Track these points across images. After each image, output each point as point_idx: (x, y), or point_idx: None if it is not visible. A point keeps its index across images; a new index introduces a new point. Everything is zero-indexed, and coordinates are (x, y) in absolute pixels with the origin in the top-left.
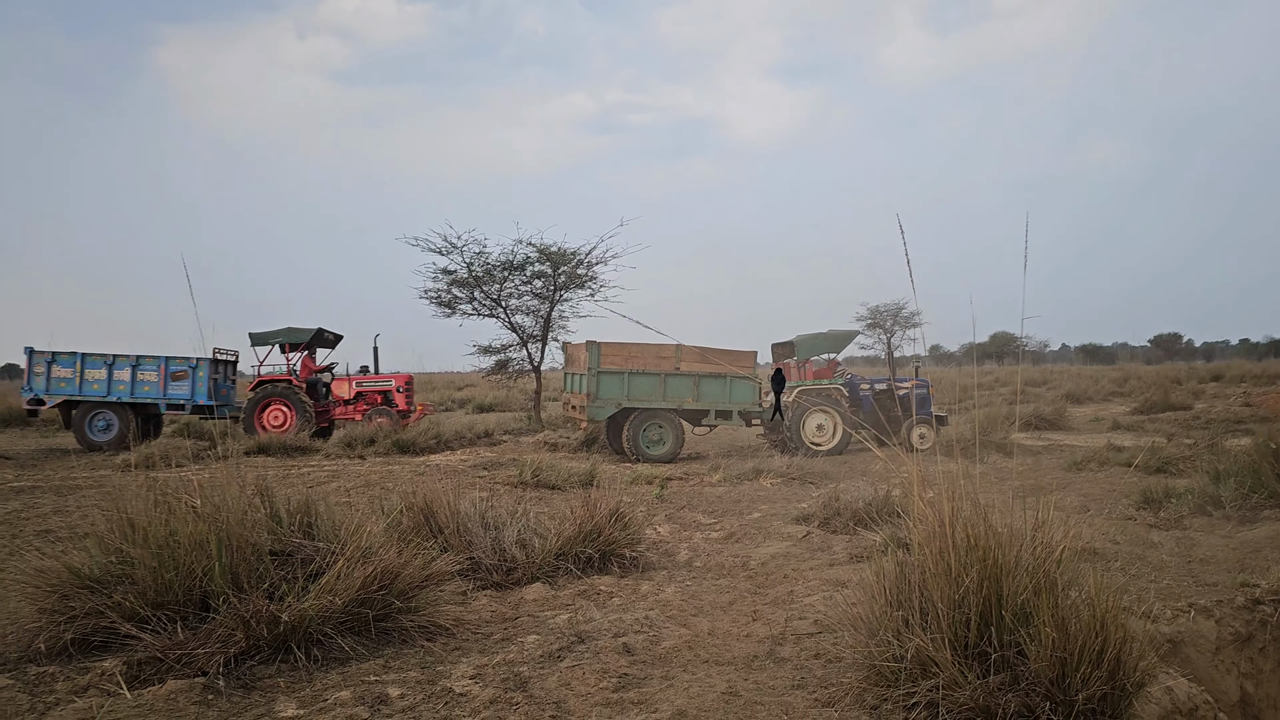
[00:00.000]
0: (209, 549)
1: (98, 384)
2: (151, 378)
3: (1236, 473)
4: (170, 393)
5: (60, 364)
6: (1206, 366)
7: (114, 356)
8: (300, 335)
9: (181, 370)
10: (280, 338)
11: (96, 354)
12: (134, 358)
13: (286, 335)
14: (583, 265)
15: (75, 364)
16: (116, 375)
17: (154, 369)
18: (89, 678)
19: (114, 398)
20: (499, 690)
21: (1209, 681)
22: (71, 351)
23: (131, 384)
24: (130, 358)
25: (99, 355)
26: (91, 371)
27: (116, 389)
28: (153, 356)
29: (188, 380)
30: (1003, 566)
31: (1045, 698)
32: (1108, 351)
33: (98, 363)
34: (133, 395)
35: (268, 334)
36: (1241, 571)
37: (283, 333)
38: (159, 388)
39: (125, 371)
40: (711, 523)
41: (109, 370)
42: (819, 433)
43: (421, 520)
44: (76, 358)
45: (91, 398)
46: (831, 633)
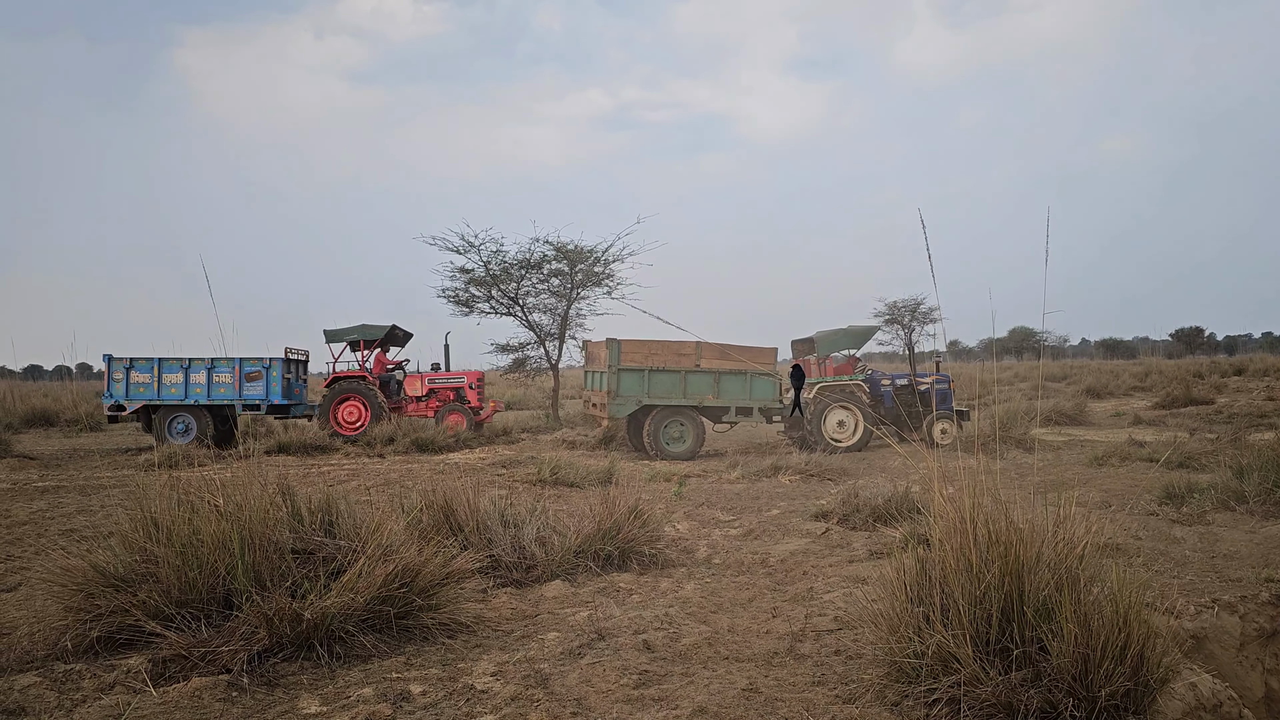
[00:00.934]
0: (232, 547)
1: (175, 387)
2: (227, 379)
3: (1260, 467)
4: (246, 393)
5: (138, 369)
6: (1229, 360)
7: (190, 360)
8: (374, 332)
9: (256, 371)
10: (355, 335)
11: (173, 358)
12: (209, 360)
13: (361, 332)
14: (600, 263)
15: (152, 369)
16: (193, 378)
17: (229, 370)
18: (115, 675)
19: (191, 400)
20: (520, 687)
21: (1233, 677)
22: (148, 357)
23: (208, 386)
24: (205, 360)
25: (175, 359)
26: (168, 375)
27: (193, 392)
28: (227, 358)
29: (262, 380)
30: (1024, 562)
31: (1068, 694)
32: (1128, 346)
33: (174, 367)
34: (209, 397)
35: (342, 331)
36: (1266, 566)
37: (357, 330)
38: (234, 389)
39: (201, 374)
40: (730, 520)
41: (185, 374)
42: (840, 429)
43: (441, 518)
44: (153, 362)
45: (170, 401)
46: (852, 629)
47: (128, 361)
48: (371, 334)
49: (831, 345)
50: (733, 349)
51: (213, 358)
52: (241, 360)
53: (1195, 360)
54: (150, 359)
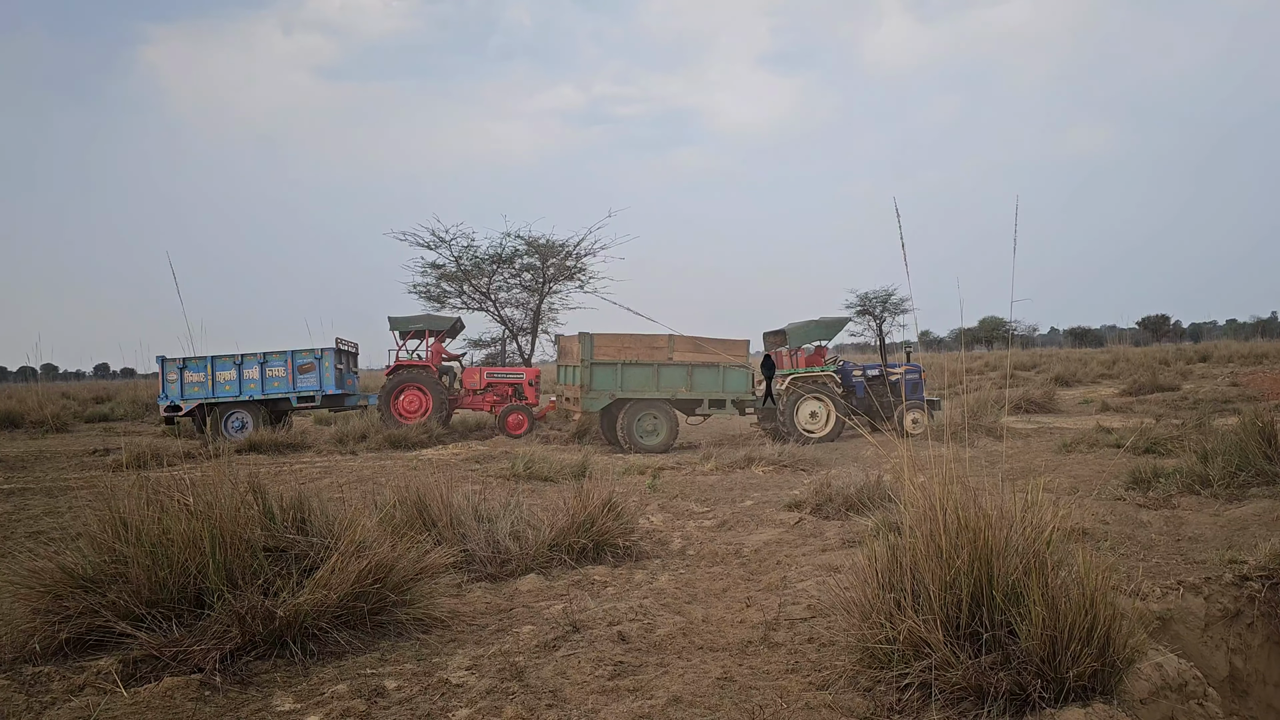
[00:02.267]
0: (202, 546)
1: (229, 384)
2: (280, 373)
3: (1224, 452)
4: (299, 385)
5: (191, 369)
6: (1194, 347)
7: (242, 356)
8: (440, 323)
9: (308, 362)
10: (420, 324)
11: (225, 356)
12: (261, 355)
13: (426, 322)
14: (571, 257)
15: (206, 367)
16: (246, 374)
17: (281, 363)
18: (85, 677)
19: (246, 396)
20: (495, 680)
21: (1198, 657)
22: (200, 356)
23: (261, 381)
24: (257, 355)
25: (227, 356)
26: (222, 373)
27: (248, 388)
28: (279, 351)
29: (315, 372)
30: (993, 547)
31: (1036, 675)
32: (1096, 334)
33: (227, 364)
34: (264, 392)
35: (407, 319)
36: (1229, 549)
37: (422, 319)
38: (288, 381)
39: (254, 370)
40: (704, 511)
41: (238, 370)
42: (812, 420)
43: (415, 514)
44: (206, 361)
45: (225, 399)
46: (825, 617)
47: (181, 362)
48: (437, 324)
49: (803, 337)
50: (705, 341)
51: (265, 352)
52: (293, 352)
53: (1161, 348)
54: (203, 358)
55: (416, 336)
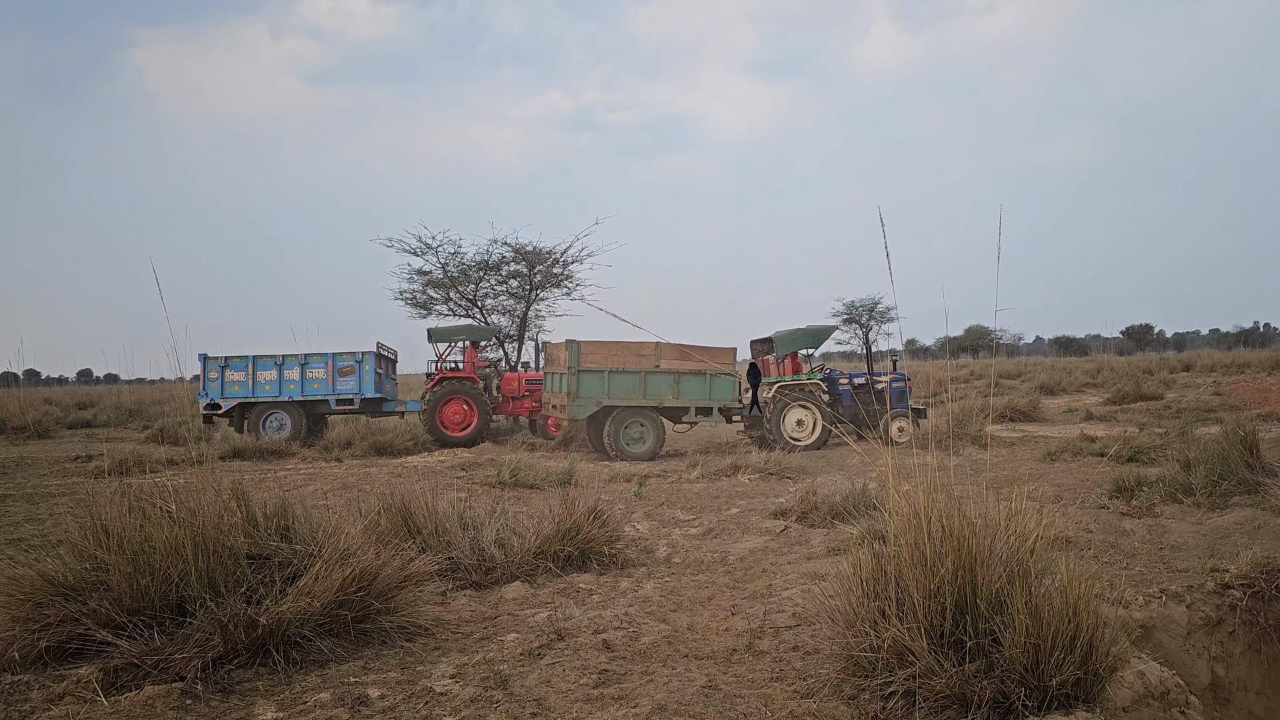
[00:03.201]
0: (185, 554)
1: (269, 384)
2: (320, 374)
3: (1206, 460)
4: (338, 388)
5: (233, 368)
6: (1177, 356)
7: (283, 356)
8: (483, 334)
9: (348, 365)
10: (463, 335)
11: (266, 355)
12: (302, 356)
13: (469, 333)
14: (559, 264)
15: (247, 367)
16: (287, 375)
17: (321, 365)
18: (65, 685)
19: (286, 397)
20: (479, 689)
21: (1180, 665)
22: (242, 355)
23: (302, 382)
24: (299, 356)
25: (269, 357)
26: (263, 373)
27: (287, 388)
28: (320, 354)
29: (355, 375)
30: (977, 556)
31: (1020, 684)
32: (1081, 343)
33: (268, 364)
34: (303, 393)
35: (449, 330)
36: (1211, 557)
37: (464, 330)
38: (328, 384)
39: (295, 371)
40: (690, 519)
41: (279, 370)
42: (799, 428)
43: (399, 521)
44: (248, 360)
45: (265, 398)
46: (809, 625)
47: (223, 360)
48: (480, 335)
49: (790, 345)
50: (692, 349)
51: (305, 353)
52: (334, 355)
53: (1145, 357)
54: (244, 357)
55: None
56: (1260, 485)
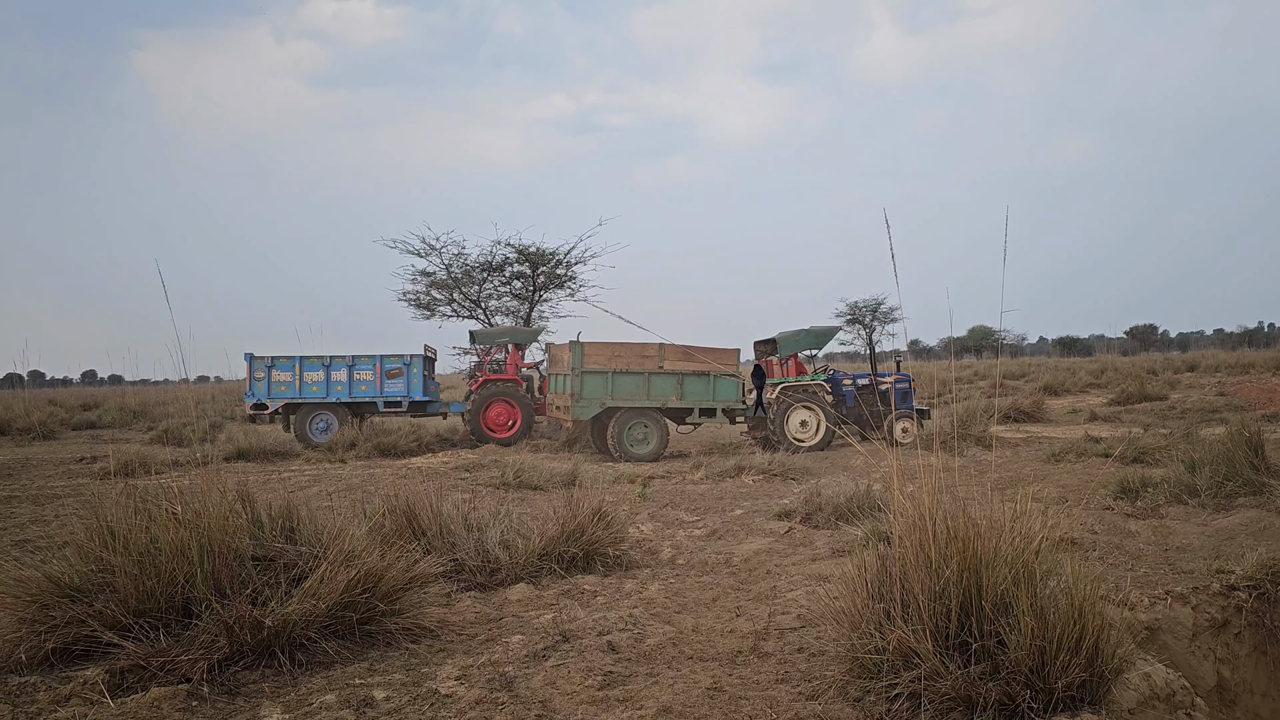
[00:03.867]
0: (190, 555)
1: (316, 385)
2: (368, 376)
3: (1211, 461)
4: (386, 390)
5: (279, 368)
6: (1182, 357)
7: (330, 358)
8: (525, 336)
9: (396, 368)
10: (506, 338)
11: (314, 356)
12: (349, 357)
13: (512, 336)
14: (562, 265)
15: (294, 367)
16: (334, 376)
17: (369, 367)
18: (71, 687)
19: (333, 398)
20: (484, 691)
21: (1186, 667)
22: (289, 355)
23: (349, 384)
24: (346, 358)
25: (316, 357)
26: (310, 374)
27: (335, 389)
28: (368, 355)
29: (403, 377)
30: (982, 558)
31: (1025, 686)
32: (1085, 343)
33: (315, 365)
34: (351, 395)
35: (493, 333)
36: (1217, 559)
37: (507, 332)
38: (376, 386)
39: (342, 372)
40: (694, 520)
41: (327, 371)
42: (802, 429)
43: (404, 523)
44: (295, 361)
45: (312, 399)
46: (814, 627)
47: (269, 360)
48: (522, 337)
49: (794, 346)
50: (696, 350)
51: (354, 355)
52: (382, 357)
53: (1149, 357)
54: (291, 357)
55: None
56: (1265, 486)
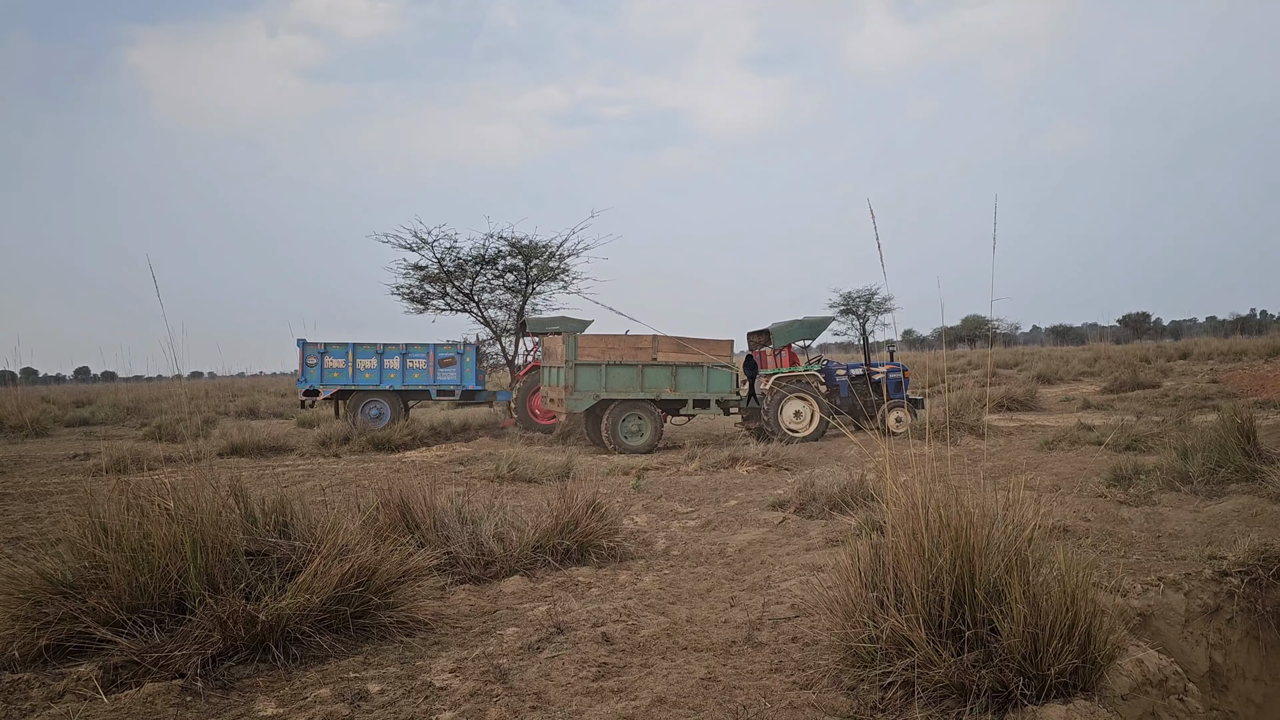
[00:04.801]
0: (183, 551)
1: (369, 373)
2: (420, 365)
3: (1203, 448)
4: (439, 378)
5: (332, 355)
6: (1174, 344)
7: (384, 345)
8: (575, 325)
9: (449, 357)
10: (556, 326)
11: (367, 344)
12: (403, 346)
13: (562, 324)
14: (555, 258)
15: (347, 354)
16: (387, 364)
17: (422, 356)
18: (65, 683)
19: (386, 386)
20: (479, 683)
21: (1178, 653)
22: (343, 342)
23: (402, 372)
24: (399, 346)
25: (369, 345)
26: (363, 361)
27: (388, 377)
28: (420, 344)
29: (455, 366)
30: (975, 546)
31: (1018, 673)
32: (1078, 332)
33: (368, 352)
34: (404, 383)
35: (545, 321)
36: (1209, 545)
37: (558, 321)
38: (429, 374)
39: (395, 360)
40: (688, 511)
41: (379, 359)
42: (796, 419)
43: (398, 516)
44: (348, 348)
45: (364, 387)
46: (808, 616)
47: (322, 347)
48: (573, 326)
49: (787, 336)
50: (689, 341)
51: (406, 343)
52: (435, 346)
53: (1142, 345)
54: (344, 344)
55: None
56: (1258, 472)
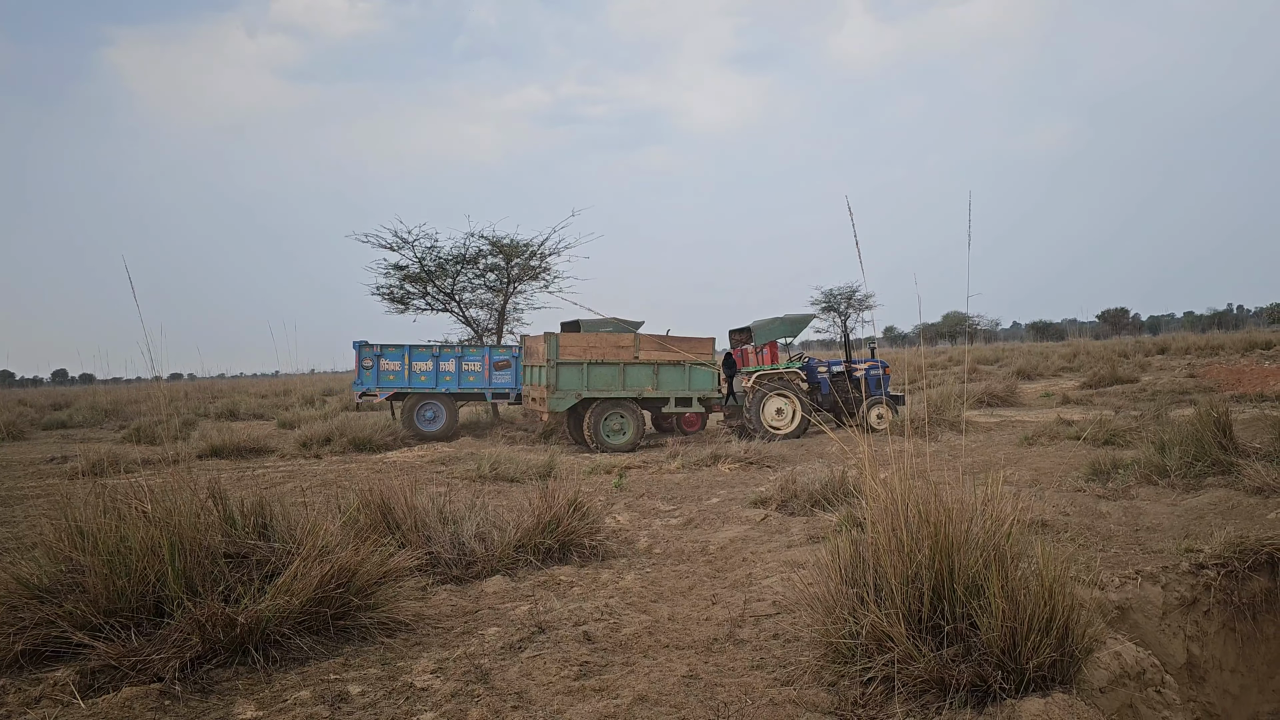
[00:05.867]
0: (161, 554)
1: (425, 375)
2: (476, 368)
3: (1180, 442)
4: (495, 381)
5: (388, 357)
6: (1152, 340)
7: (440, 348)
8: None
9: (504, 360)
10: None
11: (422, 346)
12: (459, 348)
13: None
14: (536, 257)
15: (403, 356)
16: (443, 366)
17: (478, 359)
18: (41, 689)
19: (442, 389)
20: (460, 683)
21: (1156, 645)
22: (398, 344)
23: (458, 375)
24: (455, 348)
25: (424, 347)
26: (418, 363)
27: (444, 380)
28: (476, 347)
29: (510, 369)
30: (954, 541)
31: (997, 667)
32: (1057, 328)
33: (424, 355)
34: (459, 385)
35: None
36: (1186, 538)
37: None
38: (484, 377)
39: (451, 363)
40: (670, 509)
41: (435, 362)
42: (778, 417)
43: (379, 517)
44: (404, 350)
45: (420, 389)
46: (789, 613)
47: (378, 349)
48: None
49: (768, 334)
50: (671, 340)
51: (462, 345)
52: (490, 349)
53: (1121, 340)
54: (400, 346)
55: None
56: (1234, 466)
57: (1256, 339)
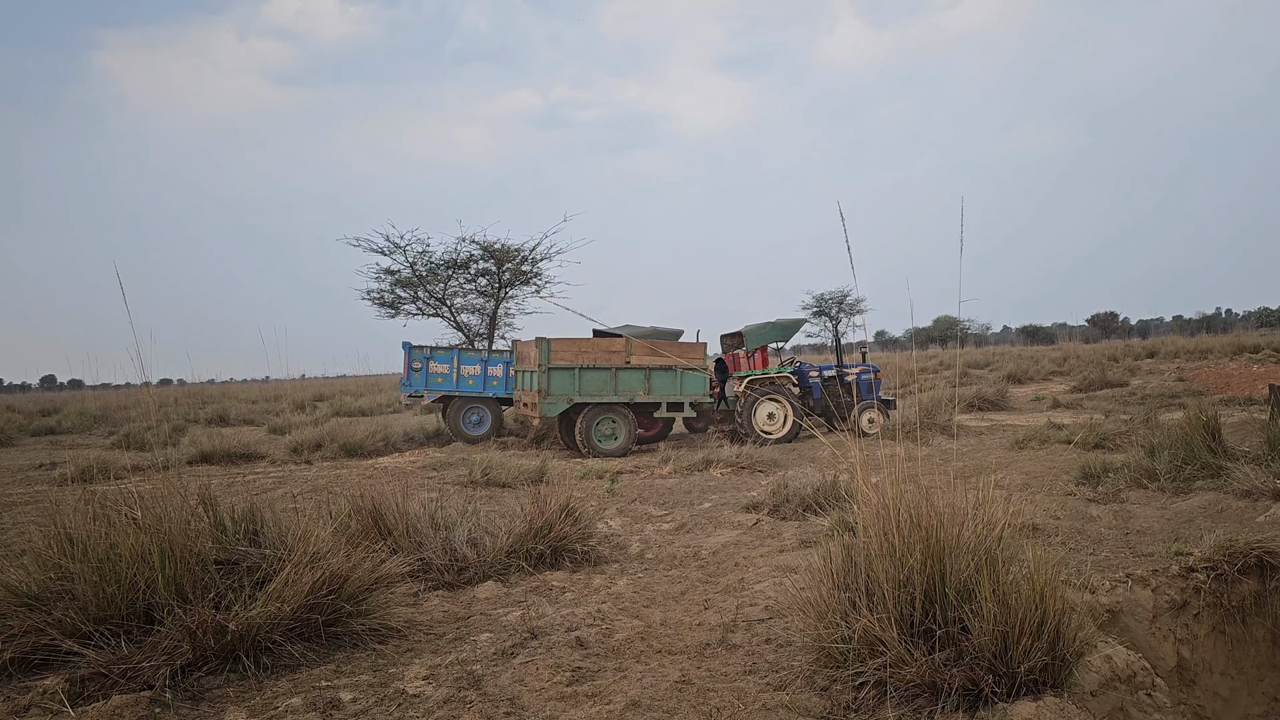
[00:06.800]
0: (151, 561)
1: (473, 379)
2: None
3: (1170, 446)
4: None
5: (437, 360)
6: (1142, 343)
7: (489, 352)
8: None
9: None
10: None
11: (470, 350)
12: (507, 353)
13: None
14: (527, 262)
15: (451, 360)
16: (491, 371)
17: None
18: (30, 697)
19: (489, 393)
20: (452, 690)
21: (1147, 648)
22: (447, 347)
23: (505, 379)
24: (504, 353)
25: (474, 351)
26: (466, 367)
27: (491, 384)
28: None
29: None
30: (945, 545)
31: (989, 671)
32: (1047, 332)
33: (472, 359)
34: (506, 389)
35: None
36: (1176, 541)
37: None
38: None
39: (499, 368)
40: (663, 514)
41: (483, 366)
42: (770, 421)
43: (370, 523)
44: (453, 353)
45: (468, 393)
46: (782, 618)
47: (427, 351)
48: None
49: (760, 339)
50: (662, 345)
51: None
52: None
53: (1110, 344)
54: (449, 349)
55: None
56: (1223, 469)
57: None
